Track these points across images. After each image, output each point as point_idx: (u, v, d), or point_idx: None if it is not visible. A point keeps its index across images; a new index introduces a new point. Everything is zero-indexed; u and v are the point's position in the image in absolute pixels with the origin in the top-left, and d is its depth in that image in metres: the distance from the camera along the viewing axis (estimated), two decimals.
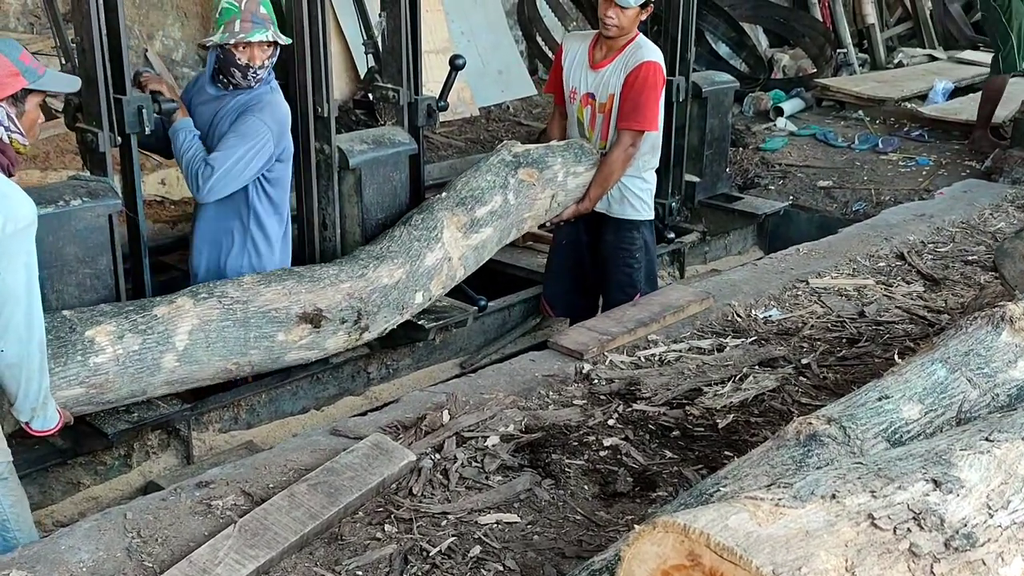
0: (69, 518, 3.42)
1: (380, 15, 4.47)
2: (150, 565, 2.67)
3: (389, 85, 4.46)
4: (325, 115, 4.11)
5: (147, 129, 3.67)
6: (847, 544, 1.51)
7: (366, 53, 4.81)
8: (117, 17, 3.59)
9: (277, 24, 3.82)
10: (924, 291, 4.64)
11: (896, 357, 2.83)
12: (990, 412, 2.44)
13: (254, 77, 3.78)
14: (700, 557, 1.44)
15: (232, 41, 3.68)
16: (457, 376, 4.22)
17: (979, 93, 7.93)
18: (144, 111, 3.62)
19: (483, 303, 4.54)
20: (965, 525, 1.68)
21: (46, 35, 6.95)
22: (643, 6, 4.36)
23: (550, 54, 9.41)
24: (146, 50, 7.22)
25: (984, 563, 1.69)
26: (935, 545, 1.61)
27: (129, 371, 3.31)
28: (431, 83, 4.64)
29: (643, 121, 4.46)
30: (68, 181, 3.64)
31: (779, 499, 1.54)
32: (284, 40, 3.80)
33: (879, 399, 2.32)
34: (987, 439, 1.87)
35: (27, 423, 2.95)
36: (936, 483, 1.69)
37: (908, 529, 1.59)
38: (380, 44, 4.55)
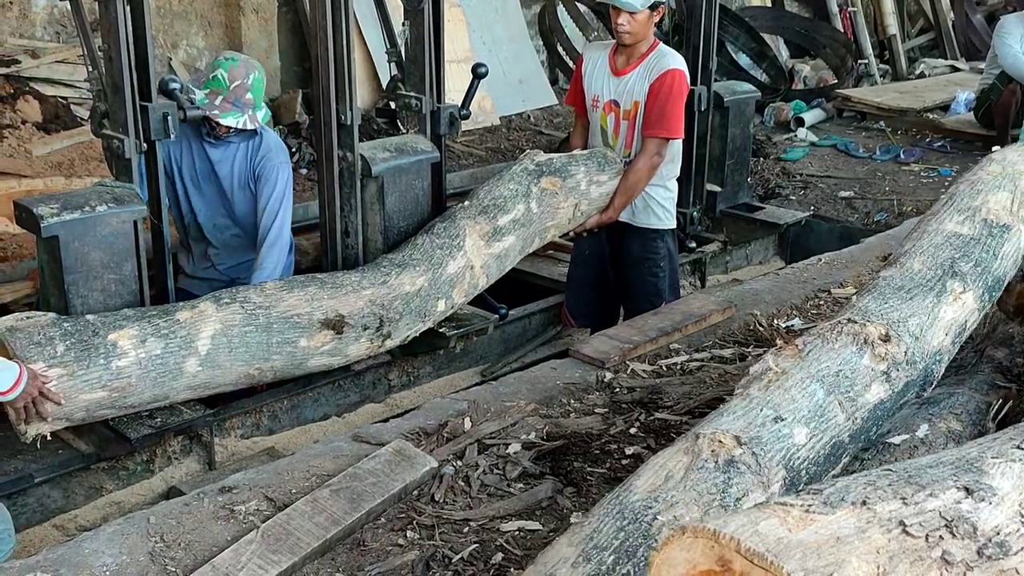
0: (91, 523, 3.42)
1: (403, 24, 4.48)
2: (173, 569, 2.67)
3: (412, 93, 4.46)
4: (348, 123, 4.12)
5: (172, 135, 3.70)
6: (879, 551, 1.49)
7: (389, 62, 4.81)
8: (144, 25, 3.61)
9: (261, 104, 4.06)
10: None
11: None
12: (851, 435, 2.53)
13: (219, 135, 4.08)
14: (730, 563, 1.43)
15: (207, 113, 3.95)
16: (478, 384, 4.21)
17: None
18: (169, 118, 3.65)
19: (504, 312, 4.54)
20: (998, 533, 1.66)
21: (72, 44, 7.02)
22: (652, 8, 4.37)
23: (571, 64, 9.42)
24: (170, 59, 7.27)
25: (1018, 572, 1.67)
26: (968, 553, 1.59)
27: (151, 375, 3.33)
28: (452, 93, 4.66)
29: (670, 129, 4.46)
30: (94, 187, 3.66)
31: (809, 505, 1.53)
32: (257, 124, 4.04)
33: (775, 420, 2.36)
34: (1018, 447, 1.86)
35: None
36: (968, 491, 1.68)
37: (940, 537, 1.58)
38: (403, 53, 4.56)
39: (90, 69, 3.80)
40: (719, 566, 1.45)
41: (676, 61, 4.51)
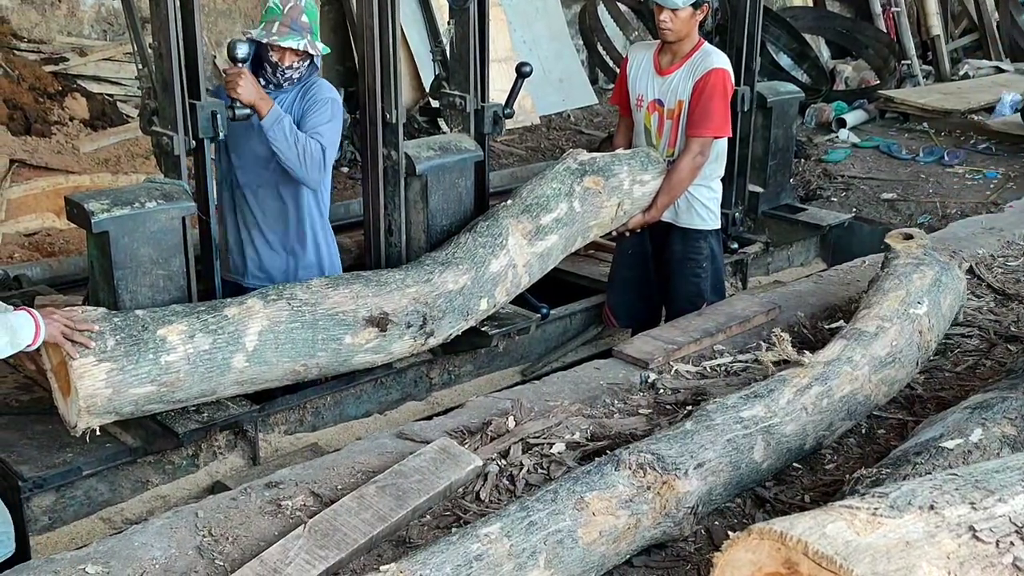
0: (137, 516, 3.45)
1: (448, 23, 4.49)
2: (221, 563, 2.69)
3: (456, 92, 4.47)
4: (393, 121, 4.13)
5: (221, 135, 3.72)
6: (949, 556, 1.47)
7: (434, 61, 4.83)
8: (193, 23, 3.63)
9: (318, 34, 3.94)
10: (995, 306, 4.55)
11: None
12: None
13: (282, 76, 3.94)
14: (797, 565, 1.42)
15: (265, 40, 3.85)
16: (521, 383, 4.21)
17: None
18: (218, 116, 3.68)
19: (546, 311, 4.52)
20: None
21: (119, 41, 7.11)
22: (695, 6, 4.34)
23: (611, 63, 9.41)
24: (214, 57, 7.33)
25: None
26: None
27: (199, 370, 3.34)
28: (493, 92, 4.65)
29: (713, 128, 4.43)
30: (143, 184, 3.69)
31: (876, 508, 1.51)
32: (317, 51, 3.93)
33: None
34: None
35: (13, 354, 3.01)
36: None
37: (1011, 543, 1.55)
38: (448, 52, 4.57)
39: (140, 67, 3.83)
40: (785, 568, 1.43)
41: (720, 60, 4.48)
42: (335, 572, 2.66)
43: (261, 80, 3.92)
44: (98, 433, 3.31)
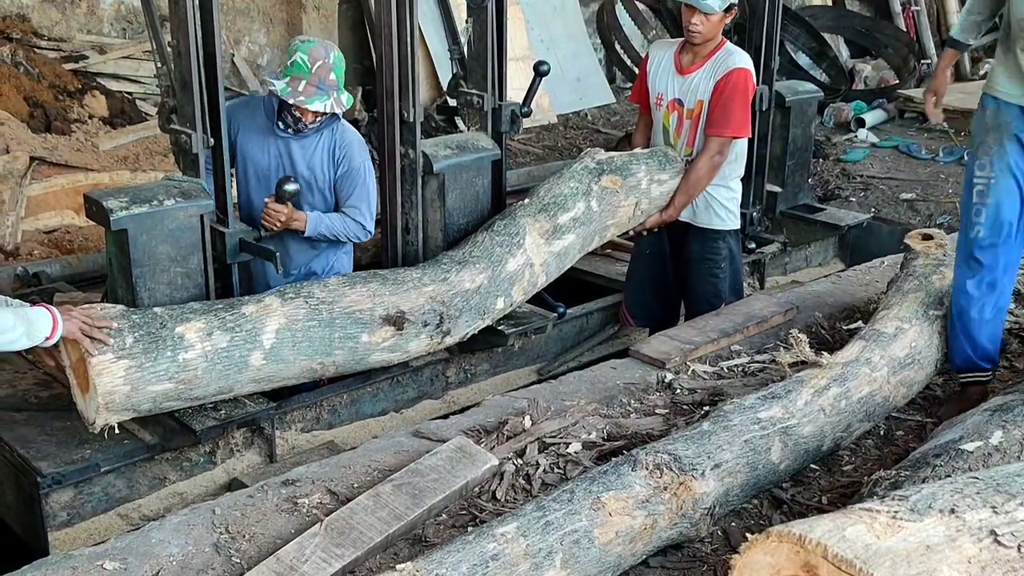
0: (155, 512, 3.47)
1: (466, 22, 4.49)
2: (238, 561, 2.70)
3: (474, 91, 4.47)
4: (411, 120, 4.13)
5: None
6: (970, 560, 1.46)
7: (451, 59, 4.84)
8: (212, 21, 3.64)
9: (343, 86, 3.89)
10: (1015, 307, 4.52)
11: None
12: None
13: (304, 127, 3.91)
14: (816, 568, 1.41)
15: (292, 101, 3.77)
16: (537, 382, 4.21)
17: None
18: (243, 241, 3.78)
19: (562, 310, 4.52)
20: None
21: (137, 40, 7.14)
22: (726, 10, 4.32)
23: (629, 62, 9.39)
24: (233, 55, 7.36)
25: None
26: None
27: (217, 368, 3.35)
28: (510, 90, 4.65)
29: (733, 128, 4.41)
30: (162, 182, 3.71)
31: (896, 511, 1.50)
32: (342, 108, 3.88)
33: None
34: None
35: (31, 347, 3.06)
36: None
37: None
38: (466, 50, 4.57)
39: (159, 65, 3.85)
40: (804, 571, 1.42)
41: (743, 60, 4.46)
42: (351, 570, 2.66)
43: (280, 124, 3.92)
44: (116, 430, 3.33)
